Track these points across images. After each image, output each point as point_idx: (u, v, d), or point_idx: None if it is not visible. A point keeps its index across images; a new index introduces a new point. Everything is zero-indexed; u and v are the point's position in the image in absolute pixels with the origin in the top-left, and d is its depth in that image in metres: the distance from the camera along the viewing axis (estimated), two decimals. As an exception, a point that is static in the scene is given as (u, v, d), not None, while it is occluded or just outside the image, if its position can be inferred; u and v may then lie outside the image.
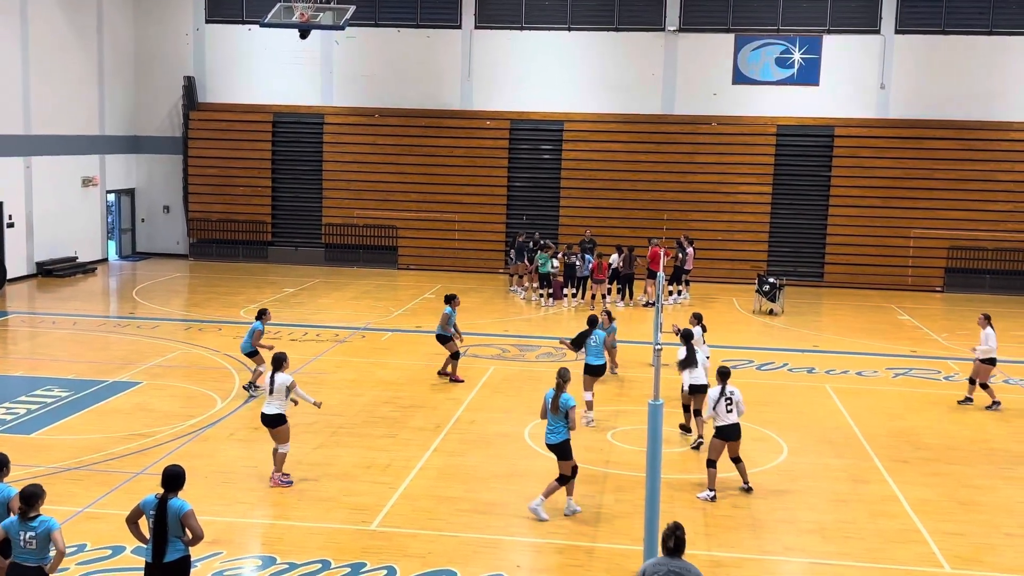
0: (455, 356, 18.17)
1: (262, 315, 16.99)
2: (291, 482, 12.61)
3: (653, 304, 25.62)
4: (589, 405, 15.65)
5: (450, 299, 18.44)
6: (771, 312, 26.30)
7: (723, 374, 12.65)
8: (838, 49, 31.90)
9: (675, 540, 7.42)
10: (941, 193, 31.50)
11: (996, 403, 17.00)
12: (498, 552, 10.77)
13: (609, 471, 13.40)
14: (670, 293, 27.86)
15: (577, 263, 26.99)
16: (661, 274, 17.94)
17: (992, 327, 17.35)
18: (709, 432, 13.33)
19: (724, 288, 30.62)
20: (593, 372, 15.73)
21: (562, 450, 11.80)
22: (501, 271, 32.31)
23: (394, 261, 33.67)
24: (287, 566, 10.25)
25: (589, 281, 26.92)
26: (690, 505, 12.21)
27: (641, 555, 9.87)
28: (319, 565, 10.28)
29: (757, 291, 26.86)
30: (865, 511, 12.23)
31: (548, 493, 11.81)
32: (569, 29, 33.04)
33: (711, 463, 12.47)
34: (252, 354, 16.80)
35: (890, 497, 12.76)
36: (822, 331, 24.33)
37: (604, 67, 32.97)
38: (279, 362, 12.76)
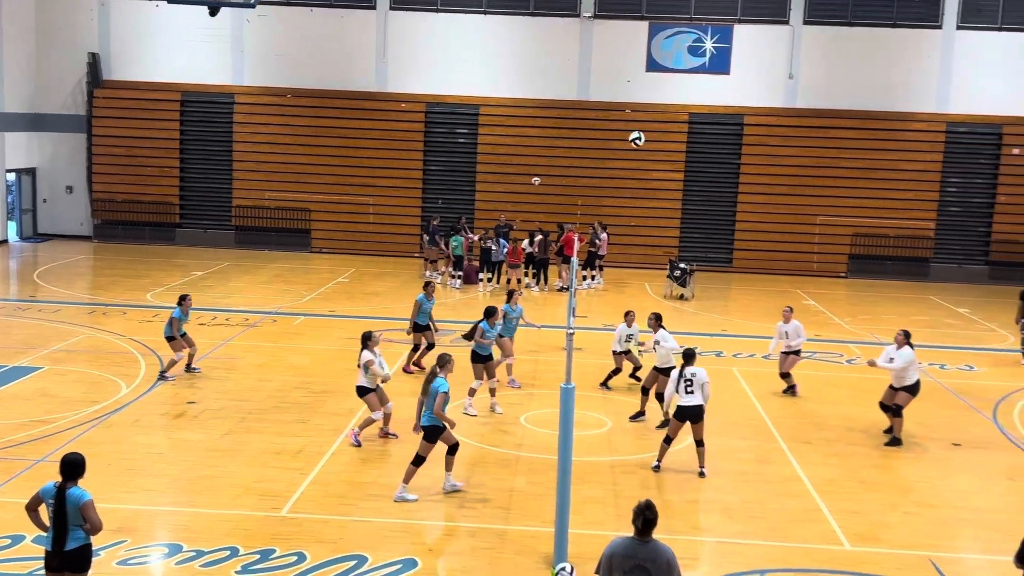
0: (417, 349, 17.77)
1: (182, 301, 16.71)
2: (359, 443, 13.51)
3: (567, 289, 25.82)
4: (471, 392, 15.63)
5: (426, 286, 18.02)
6: (682, 297, 26.74)
7: (687, 355, 12.85)
8: (749, 39, 32.48)
9: (643, 520, 7.19)
10: (846, 182, 32.38)
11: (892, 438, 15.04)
12: (410, 536, 10.78)
13: (522, 454, 13.49)
14: (584, 278, 28.13)
15: (493, 248, 27.04)
16: (575, 259, 18.09)
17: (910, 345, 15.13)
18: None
19: (637, 273, 31.01)
20: (479, 360, 15.66)
21: (428, 432, 11.72)
22: (416, 255, 32.17)
23: (307, 244, 33.25)
24: (194, 554, 10.09)
25: (504, 266, 27.00)
26: (601, 486, 12.37)
27: (552, 537, 9.99)
28: (227, 552, 10.15)
29: (668, 276, 27.28)
30: (769, 491, 12.56)
31: (450, 465, 11.94)
32: (485, 13, 32.97)
33: (667, 440, 12.88)
34: (170, 339, 16.56)
35: (793, 477, 13.12)
36: (730, 315, 24.84)
37: (520, 52, 33.00)
38: (365, 339, 13.55)
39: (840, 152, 32.30)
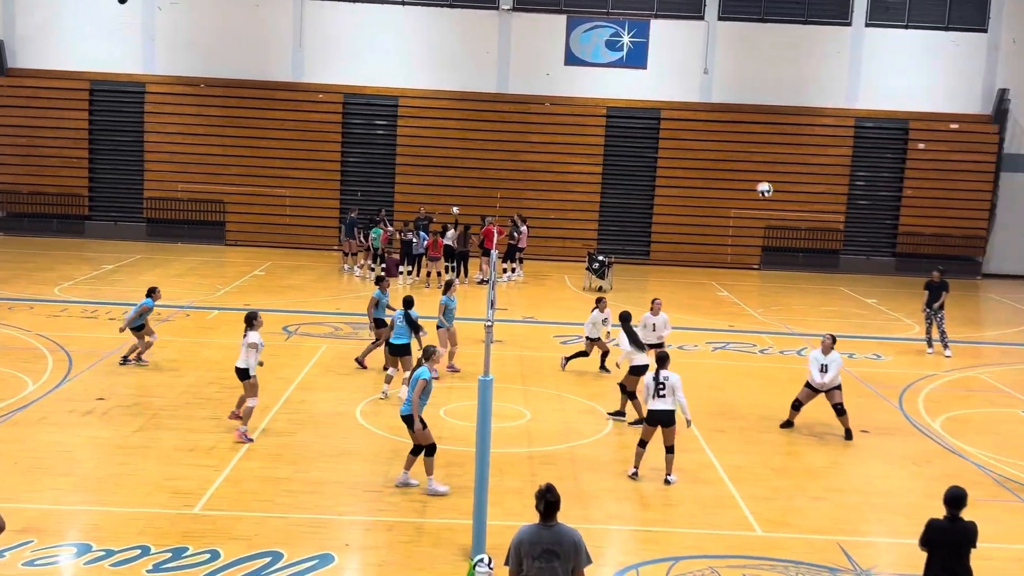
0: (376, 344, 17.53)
1: (152, 292, 17.03)
2: (250, 439, 13.33)
3: (487, 281, 25.85)
4: (387, 380, 15.68)
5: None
6: (600, 289, 26.99)
7: (660, 359, 12.49)
8: (665, 34, 32.88)
9: (545, 503, 7.25)
10: (759, 175, 32.86)
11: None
12: (326, 531, 10.68)
13: (441, 447, 13.44)
14: (504, 271, 28.19)
15: (414, 240, 26.90)
16: (495, 252, 18.11)
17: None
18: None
19: (556, 266, 31.20)
20: (394, 351, 15.62)
21: (406, 422, 11.87)
22: (335, 248, 31.86)
23: (221, 237, 32.67)
24: (103, 553, 9.85)
25: (424, 259, 26.91)
26: (519, 477, 12.43)
27: (471, 529, 10.01)
28: (138, 551, 9.93)
29: (587, 269, 27.51)
30: (684, 479, 12.76)
31: (429, 469, 11.90)
32: (404, 3, 32.76)
33: (641, 443, 12.61)
34: (139, 328, 16.75)
35: (707, 465, 13.36)
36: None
37: (439, 44, 32.88)
38: (250, 319, 13.48)
39: (753, 146, 32.92)
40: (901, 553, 10.90)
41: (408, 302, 15.67)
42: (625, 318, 15.44)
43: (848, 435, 14.82)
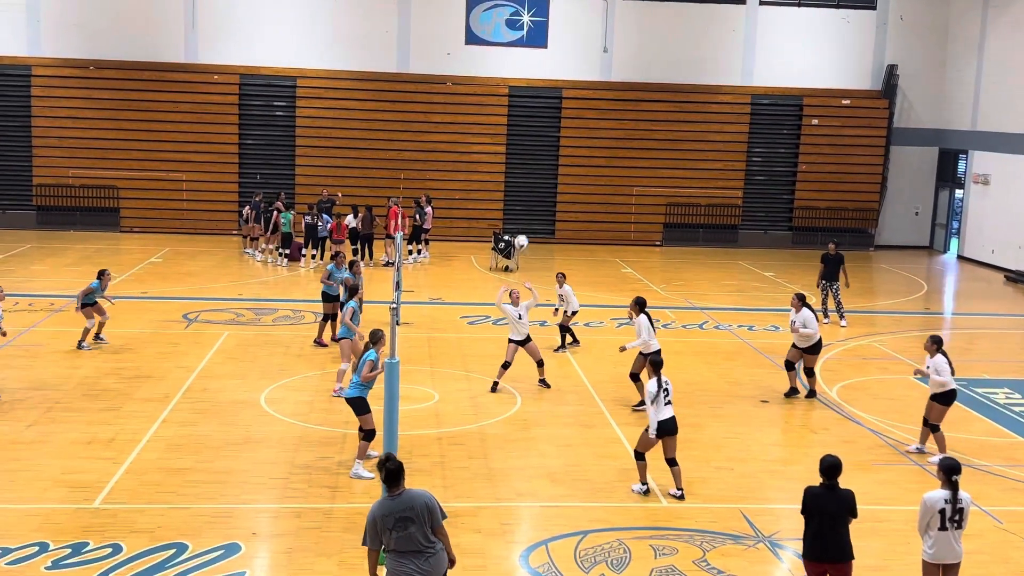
0: (326, 319, 17.78)
1: (102, 275, 17.49)
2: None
3: (392, 264, 25.69)
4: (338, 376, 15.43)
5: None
6: (507, 269, 27.09)
7: (658, 364, 11.61)
8: (565, 12, 32.98)
9: (385, 473, 7.43)
10: (659, 153, 33.50)
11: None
12: (232, 521, 10.54)
13: (348, 431, 13.38)
14: (410, 252, 28.06)
15: (319, 224, 26.54)
16: (400, 234, 18.02)
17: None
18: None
19: (462, 247, 31.19)
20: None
21: (354, 405, 11.86)
22: (234, 232, 31.25)
23: (116, 224, 31.74)
24: (-2, 553, 9.54)
25: (328, 242, 26.61)
26: (428, 459, 12.44)
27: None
28: (36, 548, 9.65)
29: (493, 248, 27.56)
30: (591, 454, 12.95)
31: (361, 454, 11.79)
32: (300, -18, 32.20)
33: (639, 455, 11.70)
34: (88, 305, 17.22)
35: (613, 439, 13.57)
36: (553, 285, 25.31)
37: (337, 23, 32.40)
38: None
39: (653, 124, 33.34)
40: (799, 519, 11.24)
41: (352, 290, 15.41)
42: (641, 303, 14.93)
43: (811, 394, 15.70)
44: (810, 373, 15.81)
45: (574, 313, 18.60)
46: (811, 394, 15.79)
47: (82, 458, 12.08)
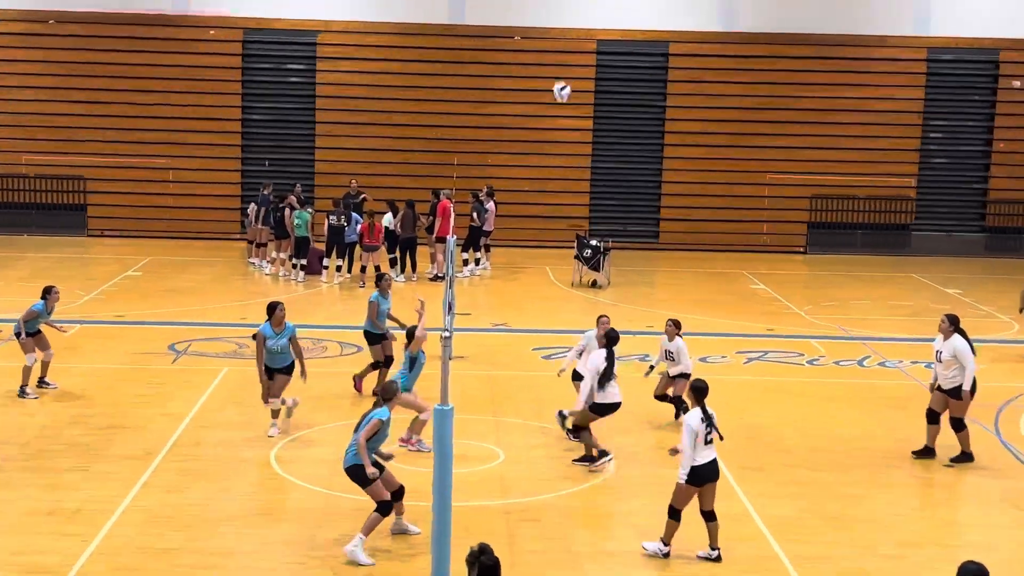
0: (376, 366, 17.52)
1: (47, 294, 17.50)
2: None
3: (443, 277, 25.84)
4: (273, 414, 15.66)
5: (379, 279, 17.81)
6: (594, 284, 27.01)
7: (702, 391, 11.96)
8: (673, -58, 32.98)
9: (479, 569, 7.40)
10: (801, 128, 33.18)
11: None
12: (234, 618, 10.65)
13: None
14: (465, 262, 28.17)
15: (346, 225, 26.76)
16: (452, 238, 18.11)
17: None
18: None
19: (535, 255, 31.20)
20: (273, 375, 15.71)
21: (354, 475, 11.94)
22: (236, 237, 31.70)
23: (83, 225, 32.45)
24: (-69, 658, 9.75)
25: (357, 248, 26.84)
26: (492, 538, 12.39)
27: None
28: (-21, 653, 9.86)
29: (577, 257, 27.54)
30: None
31: (368, 529, 11.85)
32: (321, -93, 32.68)
33: (675, 513, 11.98)
34: (31, 334, 17.23)
35: (741, 515, 13.40)
36: (657, 307, 25.17)
37: (370, -41, 32.81)
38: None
39: (793, 90, 33.05)
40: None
41: (272, 308, 15.63)
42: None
43: (963, 458, 15.23)
44: (958, 426, 15.28)
45: (683, 377, 16.59)
46: (959, 458, 15.34)
47: (40, 534, 12.29)
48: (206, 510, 13.11)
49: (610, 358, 14.78)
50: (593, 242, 27.49)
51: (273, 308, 15.53)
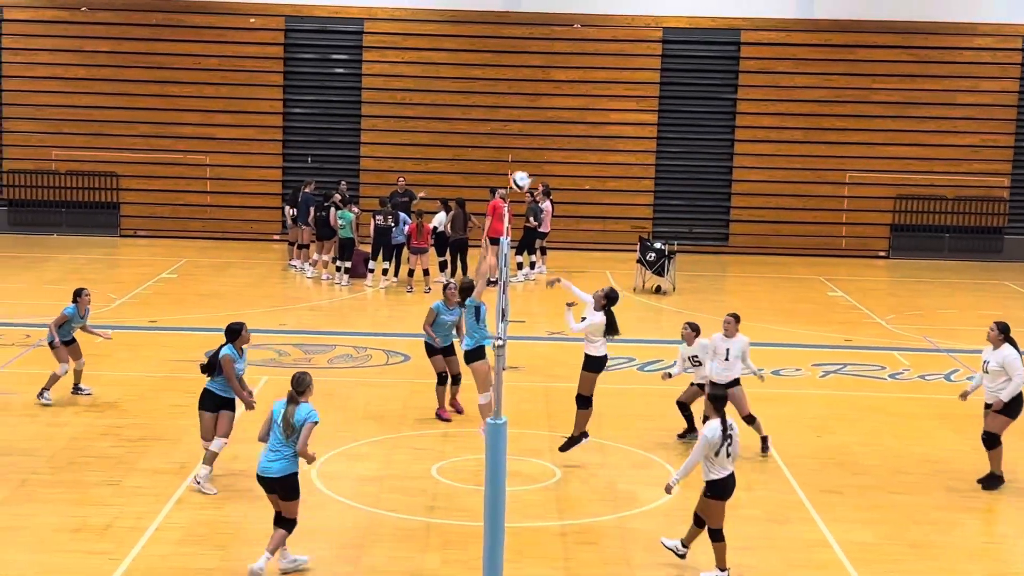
0: (443, 380, 17.27)
1: (78, 296, 17.45)
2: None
3: (496, 282, 25.86)
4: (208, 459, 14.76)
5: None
6: (658, 290, 26.94)
7: (720, 399, 12.06)
8: (745, -78, 32.86)
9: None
10: (884, 123, 32.92)
11: None
12: (272, 644, 10.71)
13: (434, 520, 13.47)
14: (520, 266, 28.19)
15: (393, 226, 26.85)
16: (506, 239, 18.11)
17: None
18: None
19: (594, 258, 31.18)
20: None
21: (291, 486, 11.80)
22: (277, 237, 31.91)
23: (115, 224, 32.79)
24: None
25: (405, 250, 26.93)
26: (547, 562, 12.42)
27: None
28: (4, 678, 9.98)
29: (639, 261, 27.48)
30: (782, 561, 12.72)
31: (274, 548, 11.82)
32: None
33: (718, 534, 11.99)
34: (68, 343, 17.40)
35: (818, 541, 13.30)
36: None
37: (420, -58, 32.95)
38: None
39: (875, 82, 32.82)
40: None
41: (232, 331, 14.85)
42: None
43: (991, 480, 15.00)
44: (991, 443, 14.97)
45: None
46: (988, 481, 15.05)
47: (67, 552, 12.41)
48: (243, 528, 13.20)
49: (610, 318, 15.57)
50: (657, 245, 27.41)
51: (239, 330, 14.82)
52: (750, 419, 15.98)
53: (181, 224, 32.73)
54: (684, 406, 16.48)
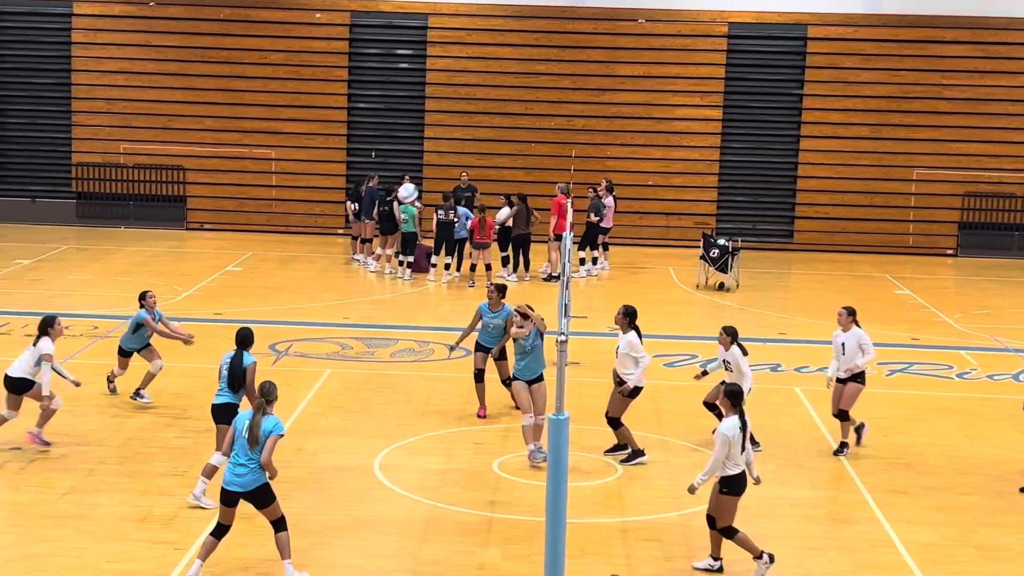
0: (479, 378, 17.20)
1: (144, 298, 17.17)
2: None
3: (557, 277, 25.84)
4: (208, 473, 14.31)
5: (500, 289, 17.38)
6: (722, 287, 26.81)
7: (737, 395, 12.06)
8: (813, -85, 32.63)
9: None
10: (953, 119, 32.57)
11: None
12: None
13: (496, 515, 13.48)
14: (582, 261, 28.15)
15: (456, 220, 26.90)
16: (569, 235, 18.09)
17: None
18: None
19: (657, 254, 31.08)
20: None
21: (263, 495, 11.61)
22: (341, 232, 32.08)
23: (182, 218, 33.09)
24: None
25: (468, 245, 26.97)
26: (608, 558, 12.40)
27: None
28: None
29: (702, 258, 27.37)
30: (849, 561, 12.62)
31: (287, 552, 11.64)
32: None
33: (732, 531, 11.98)
34: (143, 349, 17.19)
35: (883, 541, 13.20)
36: (791, 313, 24.93)
37: (485, -63, 32.98)
38: (46, 326, 15.00)
39: (944, 77, 32.48)
40: None
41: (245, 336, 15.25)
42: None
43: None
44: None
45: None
46: None
47: (133, 541, 12.55)
48: (307, 520, 13.26)
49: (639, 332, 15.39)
50: (721, 241, 27.28)
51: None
52: (842, 415, 15.85)
53: (246, 218, 32.97)
54: (711, 406, 16.01)
